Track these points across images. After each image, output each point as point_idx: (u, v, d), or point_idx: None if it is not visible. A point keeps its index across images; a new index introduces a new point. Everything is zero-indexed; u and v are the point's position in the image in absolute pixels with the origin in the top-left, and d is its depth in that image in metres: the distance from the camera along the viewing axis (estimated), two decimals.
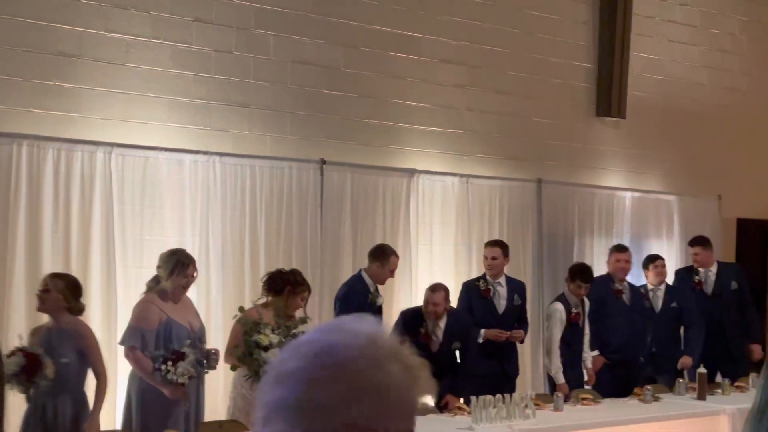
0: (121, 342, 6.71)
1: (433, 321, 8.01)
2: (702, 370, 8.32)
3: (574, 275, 8.66)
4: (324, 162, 8.72)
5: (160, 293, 6.66)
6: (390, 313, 8.35)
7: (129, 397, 6.68)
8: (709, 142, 11.97)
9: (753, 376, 8.80)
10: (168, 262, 6.69)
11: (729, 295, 9.89)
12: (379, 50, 9.29)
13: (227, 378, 7.28)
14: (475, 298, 8.59)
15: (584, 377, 8.80)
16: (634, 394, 8.20)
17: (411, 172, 9.32)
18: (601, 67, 10.94)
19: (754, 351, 9.92)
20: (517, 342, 8.73)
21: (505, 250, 8.74)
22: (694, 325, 9.50)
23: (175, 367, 6.34)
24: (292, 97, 8.73)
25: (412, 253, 9.17)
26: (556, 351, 8.55)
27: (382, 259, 8.05)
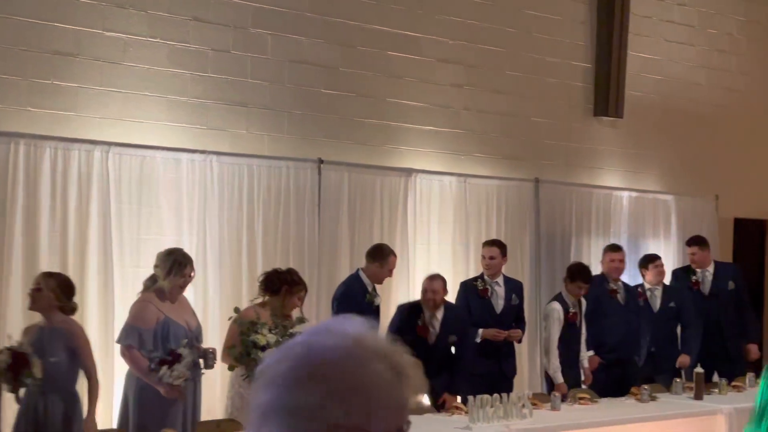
0: (118, 341, 6.70)
1: (431, 311, 8.00)
2: (699, 369, 8.33)
3: (575, 276, 8.65)
4: (321, 161, 8.72)
5: (157, 292, 6.66)
6: (387, 313, 8.34)
7: (126, 396, 6.68)
8: (707, 142, 11.98)
9: (750, 375, 8.82)
10: (165, 262, 6.69)
11: (726, 295, 9.89)
12: (377, 50, 9.28)
13: (224, 377, 7.27)
14: (473, 298, 8.59)
15: (581, 377, 8.81)
16: (631, 393, 8.19)
17: (408, 172, 9.31)
18: (598, 67, 10.94)
19: (751, 351, 9.92)
20: (514, 341, 8.73)
21: (503, 249, 8.74)
22: (691, 325, 9.51)
23: (171, 370, 6.34)
24: (289, 97, 8.72)
25: (410, 253, 9.16)
26: (555, 351, 8.55)
27: (380, 259, 8.05)
